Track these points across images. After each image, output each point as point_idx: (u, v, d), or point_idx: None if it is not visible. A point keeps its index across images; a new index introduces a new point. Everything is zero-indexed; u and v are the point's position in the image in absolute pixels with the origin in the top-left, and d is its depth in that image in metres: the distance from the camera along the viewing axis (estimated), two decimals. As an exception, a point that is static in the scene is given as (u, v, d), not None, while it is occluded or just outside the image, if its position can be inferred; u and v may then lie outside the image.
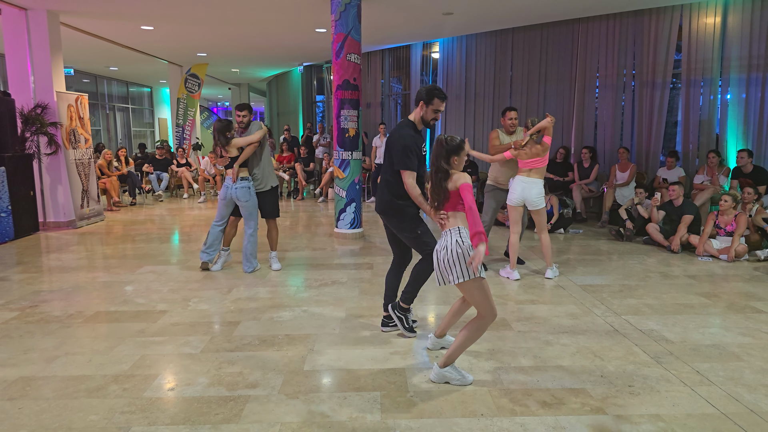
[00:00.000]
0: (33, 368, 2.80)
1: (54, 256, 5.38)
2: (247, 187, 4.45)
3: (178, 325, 3.40)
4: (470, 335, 2.55)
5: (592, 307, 3.74)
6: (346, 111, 6.09)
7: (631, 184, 6.86)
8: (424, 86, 3.09)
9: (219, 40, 9.12)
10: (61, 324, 3.44)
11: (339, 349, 3.02)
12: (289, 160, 10.28)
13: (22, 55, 6.53)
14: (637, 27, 7.11)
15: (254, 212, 4.55)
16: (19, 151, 6.42)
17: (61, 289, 4.22)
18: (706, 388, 2.55)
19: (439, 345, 3.02)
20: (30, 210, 6.52)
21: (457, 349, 2.58)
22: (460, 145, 2.62)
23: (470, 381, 2.62)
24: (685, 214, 5.40)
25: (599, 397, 2.48)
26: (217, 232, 4.63)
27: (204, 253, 4.64)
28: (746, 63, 6.40)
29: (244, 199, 4.45)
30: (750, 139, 6.53)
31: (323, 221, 7.38)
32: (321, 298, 3.94)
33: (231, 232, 4.75)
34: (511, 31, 8.27)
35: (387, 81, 10.68)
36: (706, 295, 4.04)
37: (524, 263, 4.95)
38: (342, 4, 5.85)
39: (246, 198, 4.45)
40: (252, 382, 2.64)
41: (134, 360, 2.89)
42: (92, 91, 13.83)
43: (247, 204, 4.48)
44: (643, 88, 7.17)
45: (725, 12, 6.51)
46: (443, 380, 2.63)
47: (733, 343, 3.10)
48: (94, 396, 2.51)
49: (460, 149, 2.62)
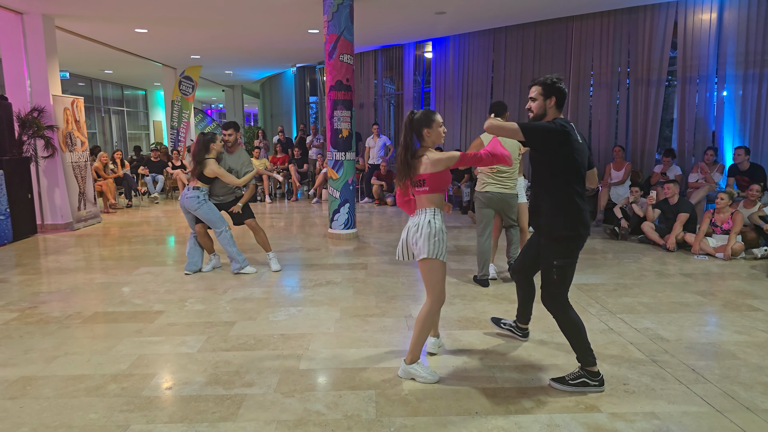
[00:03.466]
0: (33, 368, 2.82)
1: (52, 258, 5.38)
2: (195, 196, 4.38)
3: (175, 326, 3.41)
4: (424, 325, 2.57)
5: (587, 306, 3.75)
6: (339, 112, 6.09)
7: (626, 182, 6.87)
8: None
9: (212, 42, 9.13)
10: (60, 324, 3.45)
11: (334, 349, 3.02)
12: (283, 162, 10.29)
13: (18, 59, 6.53)
14: (631, 24, 7.08)
15: (213, 216, 4.45)
16: (16, 154, 6.41)
17: (59, 290, 4.23)
18: (701, 386, 2.56)
19: (437, 344, 2.99)
20: (28, 212, 6.52)
21: (417, 343, 2.60)
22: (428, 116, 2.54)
23: (436, 379, 2.61)
24: (681, 212, 5.41)
25: (594, 395, 2.49)
26: (192, 242, 4.65)
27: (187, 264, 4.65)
28: (743, 60, 6.37)
29: (193, 209, 4.41)
30: (747, 137, 6.52)
31: (317, 222, 7.39)
32: (316, 298, 3.95)
33: (205, 241, 4.67)
34: (504, 30, 8.26)
35: (380, 81, 10.68)
36: (702, 293, 4.05)
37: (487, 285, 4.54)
38: (334, 4, 5.84)
39: (194, 207, 4.40)
40: (248, 381, 2.65)
41: (132, 360, 2.90)
42: (87, 94, 13.82)
43: (199, 212, 4.42)
44: (638, 85, 7.16)
45: (721, 8, 6.47)
46: (409, 376, 2.64)
47: (729, 341, 3.11)
48: (94, 395, 2.52)
49: (431, 120, 2.55)
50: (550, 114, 2.57)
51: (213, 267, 4.78)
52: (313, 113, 14.01)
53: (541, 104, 2.57)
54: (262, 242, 4.74)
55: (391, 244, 5.85)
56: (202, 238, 4.64)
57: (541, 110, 2.58)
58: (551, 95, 2.55)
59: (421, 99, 10.03)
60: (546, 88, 2.54)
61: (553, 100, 2.55)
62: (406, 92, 10.04)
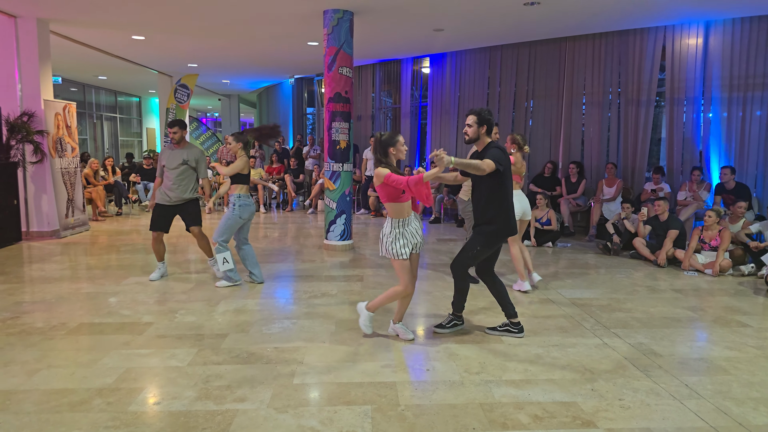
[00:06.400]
0: (13, 381, 2.72)
1: (37, 266, 5.26)
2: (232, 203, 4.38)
3: (165, 338, 3.33)
4: (389, 295, 3.20)
5: (582, 321, 3.76)
6: (338, 123, 6.12)
7: (617, 198, 6.97)
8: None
9: (210, 52, 9.13)
10: (43, 336, 3.35)
11: (329, 363, 2.98)
12: (279, 172, 10.27)
13: (10, 62, 6.46)
14: (622, 47, 7.30)
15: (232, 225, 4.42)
16: (3, 159, 6.30)
17: (43, 300, 4.12)
18: (695, 402, 2.57)
19: (394, 331, 3.39)
20: (13, 219, 6.39)
21: (380, 302, 3.24)
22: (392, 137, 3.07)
23: (368, 332, 3.29)
24: (671, 228, 5.49)
25: (590, 410, 2.48)
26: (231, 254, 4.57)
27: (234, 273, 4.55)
28: (727, 83, 6.59)
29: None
30: (732, 156, 6.69)
31: (312, 233, 7.35)
32: (310, 311, 3.90)
33: (158, 248, 4.65)
34: (500, 48, 8.43)
35: (378, 95, 10.77)
36: (692, 308, 4.09)
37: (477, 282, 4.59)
38: (334, 18, 5.92)
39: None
40: (240, 395, 2.59)
41: (119, 373, 2.82)
42: (80, 100, 13.69)
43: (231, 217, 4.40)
44: (628, 105, 7.34)
45: (707, 34, 6.71)
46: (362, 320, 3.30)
47: (720, 356, 3.14)
48: (78, 410, 2.44)
49: (396, 141, 3.06)
50: (482, 138, 3.27)
51: (161, 275, 4.72)
52: (310, 124, 14.05)
53: (476, 130, 3.25)
54: (204, 248, 4.71)
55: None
56: (158, 245, 4.62)
57: (475, 135, 3.26)
58: (483, 124, 3.23)
59: (418, 113, 10.10)
60: (480, 117, 3.22)
61: (484, 128, 3.24)
62: (403, 106, 10.12)
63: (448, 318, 3.51)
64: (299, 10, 6.14)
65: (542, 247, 6.53)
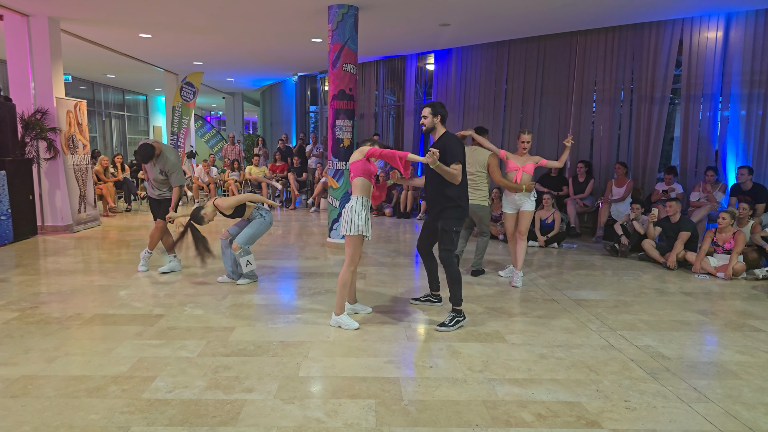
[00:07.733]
0: (34, 367, 2.82)
1: (52, 259, 5.36)
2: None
3: (175, 329, 3.39)
4: (342, 285, 3.38)
5: (587, 322, 3.74)
6: (341, 121, 6.10)
7: (627, 199, 6.88)
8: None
9: (216, 49, 9.20)
10: (60, 325, 3.44)
11: (333, 357, 3.01)
12: (282, 170, 10.32)
13: (23, 60, 6.57)
14: (636, 41, 7.09)
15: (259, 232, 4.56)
16: (19, 155, 6.42)
17: (59, 291, 4.21)
18: (703, 405, 2.55)
19: (353, 310, 3.70)
20: (29, 214, 6.51)
21: (339, 299, 3.42)
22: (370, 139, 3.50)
23: (356, 326, 3.40)
24: (683, 230, 5.39)
25: (595, 411, 2.48)
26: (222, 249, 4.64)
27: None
28: (748, 79, 6.32)
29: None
30: (750, 156, 6.46)
31: (315, 231, 7.38)
32: (314, 307, 3.93)
33: (165, 238, 4.83)
34: (508, 43, 8.27)
35: (381, 92, 10.75)
36: (702, 312, 4.04)
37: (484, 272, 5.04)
38: (339, 13, 5.89)
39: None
40: (248, 386, 2.63)
41: (132, 362, 2.89)
42: (89, 98, 13.88)
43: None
44: (641, 102, 7.14)
45: (727, 27, 6.43)
46: (337, 324, 3.44)
47: (730, 360, 3.09)
48: (94, 396, 2.52)
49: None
50: (438, 128, 3.55)
51: (171, 269, 4.85)
52: (313, 122, 14.09)
53: (431, 120, 3.53)
54: (152, 239, 4.83)
55: (388, 254, 5.85)
56: (157, 232, 4.78)
57: (431, 124, 3.54)
58: (437, 114, 3.52)
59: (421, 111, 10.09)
60: (434, 108, 3.52)
61: (439, 117, 3.53)
62: (407, 104, 10.09)
63: (450, 316, 3.54)
64: (304, 5, 6.13)
65: (548, 247, 6.49)
